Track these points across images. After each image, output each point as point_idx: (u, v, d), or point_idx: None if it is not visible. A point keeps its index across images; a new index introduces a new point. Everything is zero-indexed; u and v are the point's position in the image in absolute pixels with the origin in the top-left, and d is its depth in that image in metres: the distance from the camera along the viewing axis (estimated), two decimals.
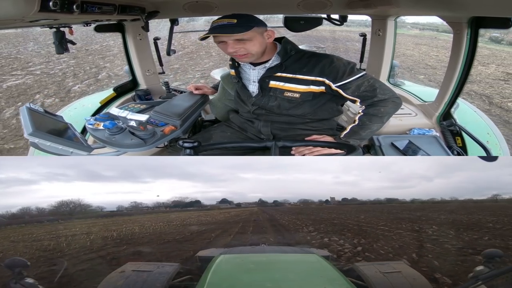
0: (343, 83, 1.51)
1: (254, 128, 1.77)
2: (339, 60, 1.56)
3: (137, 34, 2.61)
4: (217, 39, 1.51)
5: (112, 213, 13.85)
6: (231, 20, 1.45)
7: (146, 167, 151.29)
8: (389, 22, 2.50)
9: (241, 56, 1.53)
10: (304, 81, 1.55)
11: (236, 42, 1.47)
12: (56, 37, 1.77)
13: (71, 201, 14.56)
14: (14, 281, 0.86)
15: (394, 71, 2.81)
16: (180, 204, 19.47)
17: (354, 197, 20.31)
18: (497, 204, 9.44)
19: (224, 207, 18.79)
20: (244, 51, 1.50)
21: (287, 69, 1.56)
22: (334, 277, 0.97)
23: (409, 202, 15.56)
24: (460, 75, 1.87)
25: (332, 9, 2.20)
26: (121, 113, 1.38)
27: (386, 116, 1.56)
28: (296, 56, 1.57)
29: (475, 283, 0.78)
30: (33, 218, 9.94)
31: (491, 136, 2.21)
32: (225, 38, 1.48)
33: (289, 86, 1.57)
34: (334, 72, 1.51)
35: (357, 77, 1.51)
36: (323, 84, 1.54)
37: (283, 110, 1.64)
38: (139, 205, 18.06)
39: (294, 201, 21.68)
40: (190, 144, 1.25)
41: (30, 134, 1.18)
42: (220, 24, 1.47)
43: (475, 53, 1.76)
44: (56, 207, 13.94)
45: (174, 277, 1.17)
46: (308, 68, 1.54)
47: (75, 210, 14.15)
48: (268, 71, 1.59)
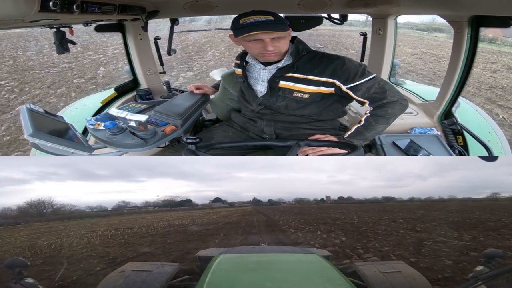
0: (354, 85, 1.51)
1: (256, 127, 1.76)
2: (350, 61, 1.55)
3: (138, 34, 2.62)
4: (252, 36, 1.44)
5: (109, 212, 13.92)
6: (267, 17, 1.40)
7: (140, 166, 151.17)
8: (390, 21, 2.49)
9: (273, 55, 1.50)
10: (314, 82, 1.54)
11: (274, 40, 1.44)
12: (56, 37, 1.78)
13: (67, 201, 14.65)
14: (14, 281, 0.86)
15: (395, 70, 2.81)
16: (176, 203, 19.53)
17: (350, 196, 20.38)
18: (497, 203, 9.43)
19: (217, 206, 18.85)
20: (278, 49, 1.48)
21: (298, 69, 1.55)
22: (334, 277, 0.96)
23: (404, 200, 15.60)
24: (461, 74, 1.86)
25: (332, 8, 2.19)
26: (121, 114, 1.37)
27: (392, 118, 1.56)
28: (308, 56, 1.56)
29: (475, 283, 0.78)
30: (33, 218, 9.98)
31: (492, 135, 2.20)
32: (265, 35, 1.43)
33: (299, 86, 1.56)
34: (346, 73, 1.51)
35: (368, 79, 1.51)
36: (334, 85, 1.53)
37: (290, 110, 1.63)
38: (134, 204, 18.18)
39: (289, 200, 21.75)
40: (193, 140, 1.28)
41: (31, 135, 1.18)
42: (258, 20, 1.40)
43: (475, 52, 1.76)
44: (52, 207, 14.02)
45: (173, 277, 1.17)
46: (320, 69, 1.53)
47: (71, 210, 14.22)
48: (279, 71, 1.58)
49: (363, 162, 32.39)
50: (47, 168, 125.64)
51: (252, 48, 1.51)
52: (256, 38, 1.44)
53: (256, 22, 1.40)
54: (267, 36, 1.42)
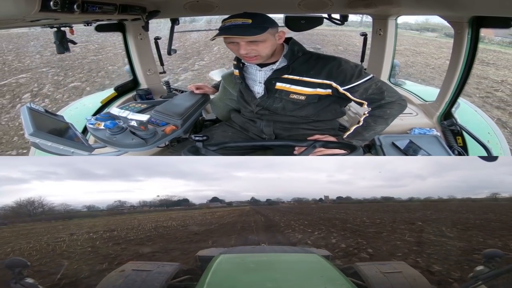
0: (351, 86, 1.50)
1: (256, 127, 1.76)
2: (346, 62, 1.54)
3: (138, 34, 2.62)
4: (228, 39, 1.45)
5: (108, 212, 13.92)
6: (245, 20, 1.40)
7: (140, 166, 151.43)
8: (390, 21, 2.50)
9: (251, 58, 1.49)
10: (310, 83, 1.54)
11: (249, 44, 1.43)
12: (56, 37, 1.78)
13: (66, 200, 14.70)
14: (14, 281, 0.86)
15: (395, 71, 2.81)
16: (176, 203, 19.53)
17: (349, 196, 20.40)
18: (497, 203, 9.44)
19: (215, 205, 18.87)
20: (255, 53, 1.46)
21: (294, 71, 1.54)
22: (334, 277, 0.96)
23: (403, 200, 15.62)
24: (461, 74, 1.86)
25: (332, 8, 2.19)
26: (122, 113, 1.37)
27: (391, 118, 1.55)
28: (303, 58, 1.55)
29: (475, 283, 0.78)
30: (32, 218, 9.98)
31: (492, 135, 2.20)
32: (238, 39, 1.43)
33: (295, 88, 1.56)
34: (342, 75, 1.50)
35: (365, 80, 1.50)
36: (330, 87, 1.53)
37: (287, 111, 1.63)
38: (133, 204, 18.19)
39: (287, 200, 21.77)
40: (200, 137, 1.28)
41: (31, 134, 1.18)
42: (234, 24, 1.41)
43: (476, 53, 1.76)
44: (51, 207, 14.03)
45: (173, 277, 1.17)
46: (316, 71, 1.52)
47: (70, 210, 14.22)
48: (275, 72, 1.57)
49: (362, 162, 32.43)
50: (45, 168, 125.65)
51: (232, 50, 1.52)
52: (231, 41, 1.46)
53: (231, 26, 1.41)
54: (240, 39, 1.43)
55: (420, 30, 27.75)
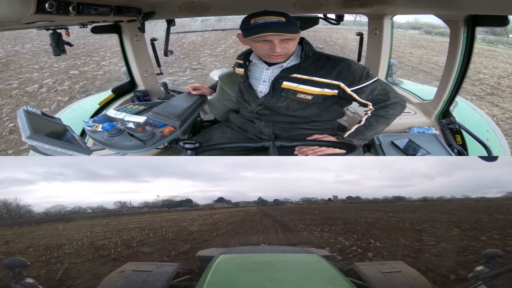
0: (359, 87, 1.52)
1: (255, 128, 1.76)
2: (355, 64, 1.56)
3: (134, 35, 2.61)
4: (262, 37, 1.41)
5: (111, 212, 13.87)
6: (279, 18, 1.38)
7: (146, 166, 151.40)
8: (386, 21, 2.50)
9: (280, 57, 1.49)
10: (319, 83, 1.54)
11: (282, 42, 1.42)
12: (52, 39, 1.77)
13: (68, 201, 14.63)
14: (14, 281, 0.86)
15: (392, 70, 2.82)
16: (180, 204, 19.49)
17: (358, 196, 20.44)
18: (497, 203, 9.47)
19: (222, 206, 18.83)
20: (286, 51, 1.47)
21: (304, 70, 1.55)
22: (334, 277, 0.96)
23: (411, 200, 15.62)
24: (458, 73, 1.87)
25: (328, 8, 2.19)
26: (119, 115, 1.37)
27: (392, 118, 1.58)
28: (314, 57, 1.56)
29: (475, 283, 0.78)
30: (33, 219, 9.93)
31: (491, 133, 2.20)
32: (274, 37, 1.40)
33: (303, 87, 1.56)
34: (351, 76, 1.51)
35: (372, 82, 1.53)
36: (338, 87, 1.54)
37: (290, 111, 1.63)
38: (138, 204, 18.11)
39: (295, 200, 21.79)
40: (191, 145, 1.26)
41: (28, 137, 1.17)
42: (270, 21, 1.38)
43: (472, 51, 1.76)
44: (55, 207, 13.96)
45: (174, 277, 1.17)
46: (326, 71, 1.53)
47: (74, 210, 14.18)
48: (284, 71, 1.57)
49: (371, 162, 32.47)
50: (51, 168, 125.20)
51: (260, 49, 1.50)
52: (265, 39, 1.42)
53: (267, 23, 1.38)
54: (277, 37, 1.41)
55: (405, 28, 28.25)
